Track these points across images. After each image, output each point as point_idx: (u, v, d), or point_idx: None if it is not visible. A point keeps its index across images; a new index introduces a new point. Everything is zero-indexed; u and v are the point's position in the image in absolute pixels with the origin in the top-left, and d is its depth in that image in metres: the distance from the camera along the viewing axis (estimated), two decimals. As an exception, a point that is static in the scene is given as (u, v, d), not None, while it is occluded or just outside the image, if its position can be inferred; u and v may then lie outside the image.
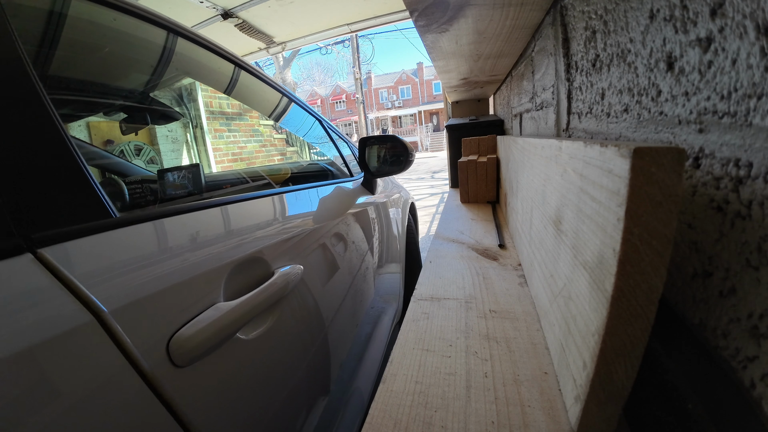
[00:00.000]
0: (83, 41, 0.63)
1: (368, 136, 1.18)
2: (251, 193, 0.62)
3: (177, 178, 0.86)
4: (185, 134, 2.75)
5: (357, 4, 2.93)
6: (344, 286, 0.80)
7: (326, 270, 0.72)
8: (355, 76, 11.08)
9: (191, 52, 0.74)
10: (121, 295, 0.32)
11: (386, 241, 1.25)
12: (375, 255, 1.08)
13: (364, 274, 0.96)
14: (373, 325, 1.01)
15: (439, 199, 5.55)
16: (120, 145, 2.12)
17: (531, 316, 0.52)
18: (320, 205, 0.84)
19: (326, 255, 0.74)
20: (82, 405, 0.26)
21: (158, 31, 0.64)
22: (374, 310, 1.03)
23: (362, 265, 0.95)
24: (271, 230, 0.59)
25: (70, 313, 0.28)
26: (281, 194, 0.73)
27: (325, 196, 0.89)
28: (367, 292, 0.96)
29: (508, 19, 0.81)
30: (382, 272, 1.13)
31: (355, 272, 0.88)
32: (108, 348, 0.29)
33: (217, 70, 0.84)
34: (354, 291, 0.86)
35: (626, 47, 0.43)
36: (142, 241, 0.38)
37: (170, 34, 0.66)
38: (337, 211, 0.89)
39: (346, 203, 0.97)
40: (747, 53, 0.24)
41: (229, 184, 1.07)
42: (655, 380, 0.34)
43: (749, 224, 0.24)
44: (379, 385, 0.40)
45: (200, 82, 0.89)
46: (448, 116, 2.38)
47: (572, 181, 0.36)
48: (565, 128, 0.74)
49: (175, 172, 0.86)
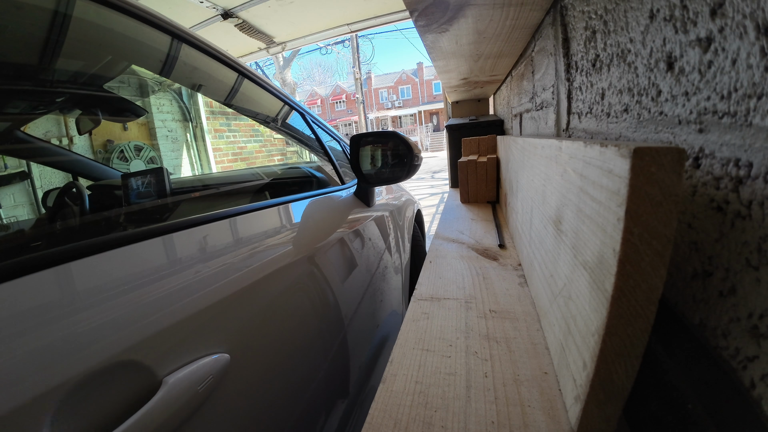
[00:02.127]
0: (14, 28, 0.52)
1: (362, 133, 0.92)
2: (179, 220, 0.44)
3: (141, 184, 0.73)
4: (185, 134, 2.75)
5: (357, 4, 2.93)
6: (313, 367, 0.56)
7: (289, 343, 0.50)
8: (355, 76, 11.09)
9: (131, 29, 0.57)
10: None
11: (384, 275, 0.98)
12: (368, 299, 0.82)
13: (352, 332, 0.70)
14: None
15: (439, 199, 5.56)
16: (120, 145, 2.12)
17: (531, 316, 0.52)
18: (295, 230, 0.63)
19: (284, 322, 0.50)
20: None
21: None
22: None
23: (349, 323, 0.69)
24: (184, 293, 0.37)
25: None
26: (236, 216, 0.51)
27: (304, 214, 0.69)
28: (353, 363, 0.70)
29: (508, 19, 0.81)
30: (378, 322, 0.86)
31: (332, 345, 0.62)
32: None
33: (152, 46, 0.63)
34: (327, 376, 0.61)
35: (626, 47, 0.43)
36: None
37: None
38: (315, 238, 0.67)
39: (330, 223, 0.75)
40: (747, 53, 0.24)
41: (195, 192, 0.86)
42: (655, 380, 0.34)
43: (749, 224, 0.24)
44: (379, 385, 0.40)
45: (140, 66, 0.71)
46: (448, 116, 2.38)
47: (572, 181, 0.36)
48: (565, 128, 0.74)
49: (138, 177, 0.73)
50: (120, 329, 0.31)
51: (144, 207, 0.70)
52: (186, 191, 0.90)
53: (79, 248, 0.32)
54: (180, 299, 0.37)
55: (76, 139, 1.70)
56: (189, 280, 0.39)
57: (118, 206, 0.79)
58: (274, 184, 0.97)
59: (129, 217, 0.66)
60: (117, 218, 0.63)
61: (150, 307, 0.34)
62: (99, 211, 0.77)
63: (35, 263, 0.29)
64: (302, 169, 1.10)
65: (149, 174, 0.74)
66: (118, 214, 0.67)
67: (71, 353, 0.27)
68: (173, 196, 0.77)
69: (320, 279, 0.64)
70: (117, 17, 0.51)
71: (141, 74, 1.36)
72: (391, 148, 0.96)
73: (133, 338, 0.31)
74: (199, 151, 2.94)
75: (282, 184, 1.00)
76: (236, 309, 0.43)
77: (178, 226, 0.43)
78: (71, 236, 0.37)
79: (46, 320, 0.27)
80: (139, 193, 0.73)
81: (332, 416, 0.63)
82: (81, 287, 0.31)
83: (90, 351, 0.28)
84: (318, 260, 0.64)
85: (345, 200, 0.88)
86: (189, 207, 0.74)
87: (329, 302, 0.66)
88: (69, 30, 0.53)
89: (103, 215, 0.69)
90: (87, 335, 0.29)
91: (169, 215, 0.69)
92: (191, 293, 0.38)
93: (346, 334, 0.69)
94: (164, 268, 0.38)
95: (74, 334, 0.28)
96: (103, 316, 0.30)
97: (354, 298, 0.76)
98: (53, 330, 0.27)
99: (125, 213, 0.68)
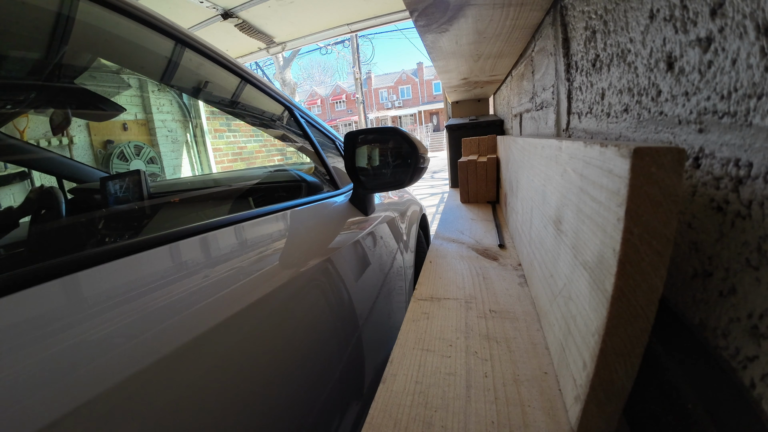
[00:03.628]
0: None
1: (359, 130, 0.80)
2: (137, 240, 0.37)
3: (119, 189, 0.66)
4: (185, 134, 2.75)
5: (357, 4, 2.93)
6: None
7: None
8: (355, 76, 11.09)
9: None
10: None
11: (387, 296, 0.84)
12: (368, 332, 0.70)
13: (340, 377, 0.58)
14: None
15: (439, 199, 5.56)
16: (120, 146, 2.12)
17: (531, 316, 0.52)
18: (276, 248, 0.53)
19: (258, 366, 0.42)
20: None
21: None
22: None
23: (338, 363, 0.58)
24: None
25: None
26: (205, 233, 0.44)
27: (290, 227, 0.59)
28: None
29: (508, 19, 0.81)
30: (377, 361, 0.73)
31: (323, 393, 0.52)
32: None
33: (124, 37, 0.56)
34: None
35: (626, 47, 0.43)
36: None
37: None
38: (302, 256, 0.57)
39: (321, 236, 0.65)
40: (747, 53, 0.24)
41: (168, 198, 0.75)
42: (655, 380, 0.34)
43: (749, 224, 0.24)
44: (379, 385, 0.40)
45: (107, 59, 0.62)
46: (448, 116, 2.38)
47: (572, 181, 0.36)
48: (565, 128, 0.74)
49: (116, 181, 0.67)
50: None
51: (118, 215, 0.64)
52: (164, 194, 0.82)
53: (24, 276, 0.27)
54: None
55: (77, 139, 1.70)
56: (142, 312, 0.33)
57: (97, 212, 0.73)
58: (257, 189, 0.84)
59: (96, 230, 0.58)
60: (84, 232, 0.57)
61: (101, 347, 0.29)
62: (77, 216, 0.70)
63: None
64: (290, 172, 0.95)
65: (127, 177, 0.68)
66: (89, 225, 0.60)
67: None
68: (151, 199, 0.70)
69: (305, 308, 0.53)
70: (92, 8, 0.47)
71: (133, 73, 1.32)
72: (392, 147, 0.84)
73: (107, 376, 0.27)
74: (199, 151, 2.94)
75: (267, 189, 0.86)
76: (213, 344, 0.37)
77: (142, 245, 0.37)
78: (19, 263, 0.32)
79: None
80: (117, 198, 0.67)
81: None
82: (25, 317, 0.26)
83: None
84: (303, 284, 0.54)
85: (339, 208, 0.77)
86: (164, 215, 0.66)
87: (318, 335, 0.54)
88: (55, 27, 0.50)
89: (62, 227, 0.61)
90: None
91: (142, 224, 0.64)
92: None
93: (338, 377, 0.59)
94: (114, 296, 0.32)
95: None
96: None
97: (346, 333, 0.63)
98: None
99: (90, 226, 0.60)
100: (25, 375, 0.24)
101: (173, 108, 2.56)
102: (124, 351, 0.29)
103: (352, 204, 0.83)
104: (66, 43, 0.56)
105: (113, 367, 0.28)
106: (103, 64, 0.75)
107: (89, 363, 0.27)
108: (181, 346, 0.33)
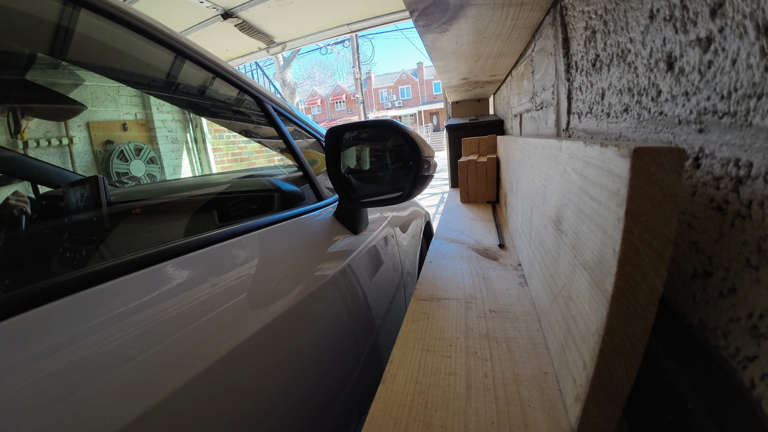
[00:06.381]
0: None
1: (343, 125, 0.63)
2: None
3: (80, 197, 0.59)
4: (185, 134, 2.75)
5: (357, 4, 2.93)
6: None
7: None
8: (355, 76, 11.08)
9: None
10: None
11: (380, 329, 0.70)
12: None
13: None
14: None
15: (439, 199, 5.56)
16: (120, 146, 2.12)
17: (531, 316, 0.52)
18: (242, 283, 0.41)
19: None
20: None
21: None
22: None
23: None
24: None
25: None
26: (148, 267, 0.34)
27: (259, 253, 0.46)
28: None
29: (508, 19, 0.81)
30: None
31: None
32: None
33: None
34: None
35: (626, 47, 0.43)
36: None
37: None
38: (271, 295, 0.45)
39: (295, 267, 0.52)
40: (747, 53, 0.24)
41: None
42: (655, 380, 0.34)
43: (749, 224, 0.24)
44: (379, 385, 0.40)
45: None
46: (448, 116, 2.38)
47: (572, 181, 0.36)
48: (565, 128, 0.74)
49: (77, 189, 0.60)
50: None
51: (73, 229, 0.54)
52: (124, 201, 0.71)
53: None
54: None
55: (76, 139, 1.70)
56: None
57: (58, 222, 0.61)
58: (222, 204, 0.67)
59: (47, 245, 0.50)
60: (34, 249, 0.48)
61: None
62: (39, 226, 0.59)
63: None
64: (261, 179, 0.77)
65: (86, 184, 0.60)
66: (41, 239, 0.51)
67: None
68: (110, 206, 0.61)
69: (275, 359, 0.43)
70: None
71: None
72: (388, 148, 0.68)
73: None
74: (199, 151, 2.94)
75: (229, 203, 0.69)
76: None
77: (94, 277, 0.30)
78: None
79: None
80: (77, 207, 0.60)
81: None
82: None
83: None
84: (262, 350, 0.42)
85: (319, 226, 0.62)
86: (123, 229, 0.58)
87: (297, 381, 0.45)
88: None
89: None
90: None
91: (100, 236, 0.56)
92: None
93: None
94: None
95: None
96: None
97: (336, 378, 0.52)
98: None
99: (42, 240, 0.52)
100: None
101: (173, 108, 2.56)
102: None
103: (337, 219, 0.67)
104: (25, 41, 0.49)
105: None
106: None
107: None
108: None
